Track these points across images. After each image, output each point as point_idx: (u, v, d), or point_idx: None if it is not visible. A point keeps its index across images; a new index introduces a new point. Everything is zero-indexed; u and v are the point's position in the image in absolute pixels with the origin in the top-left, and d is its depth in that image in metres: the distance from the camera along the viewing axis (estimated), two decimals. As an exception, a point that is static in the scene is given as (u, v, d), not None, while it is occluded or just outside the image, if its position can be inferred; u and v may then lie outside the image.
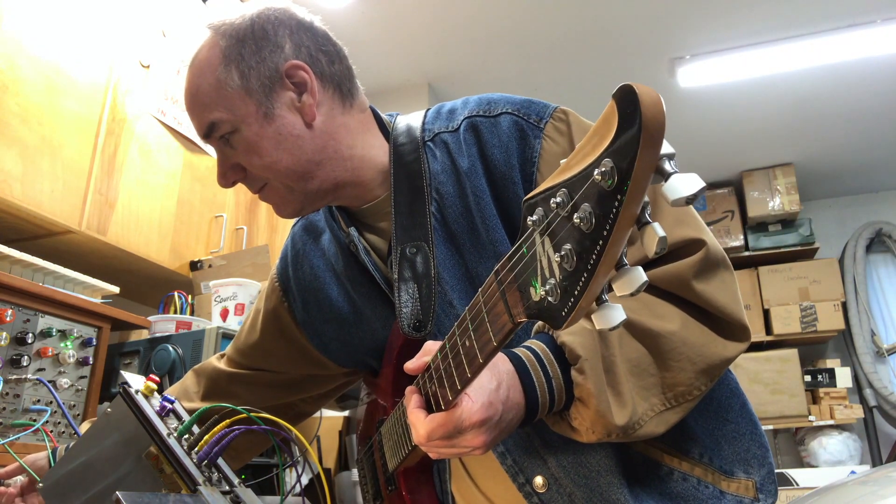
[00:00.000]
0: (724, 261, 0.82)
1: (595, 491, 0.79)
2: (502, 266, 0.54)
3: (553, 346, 0.73)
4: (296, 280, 1.07)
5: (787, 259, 4.40)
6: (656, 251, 0.41)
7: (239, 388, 1.12)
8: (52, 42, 1.70)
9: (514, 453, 0.83)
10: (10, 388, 1.31)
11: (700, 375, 0.76)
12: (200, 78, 0.90)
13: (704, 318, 0.79)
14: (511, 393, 0.68)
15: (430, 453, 0.71)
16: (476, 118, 0.92)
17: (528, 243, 0.49)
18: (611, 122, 0.40)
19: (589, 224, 0.41)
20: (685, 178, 0.40)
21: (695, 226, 0.81)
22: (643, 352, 0.75)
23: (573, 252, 0.42)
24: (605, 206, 0.40)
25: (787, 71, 3.38)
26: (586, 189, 0.41)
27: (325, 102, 0.92)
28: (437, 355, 0.68)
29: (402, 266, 0.89)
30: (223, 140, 0.90)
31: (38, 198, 1.60)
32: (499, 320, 0.54)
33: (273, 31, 0.90)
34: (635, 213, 0.40)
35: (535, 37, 3.18)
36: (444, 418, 0.65)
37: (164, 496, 0.72)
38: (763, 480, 0.84)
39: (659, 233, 0.40)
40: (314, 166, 0.90)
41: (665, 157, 0.40)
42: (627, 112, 0.39)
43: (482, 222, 0.88)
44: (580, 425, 0.71)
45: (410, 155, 0.93)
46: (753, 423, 0.88)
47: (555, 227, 0.45)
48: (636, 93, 0.38)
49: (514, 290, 0.51)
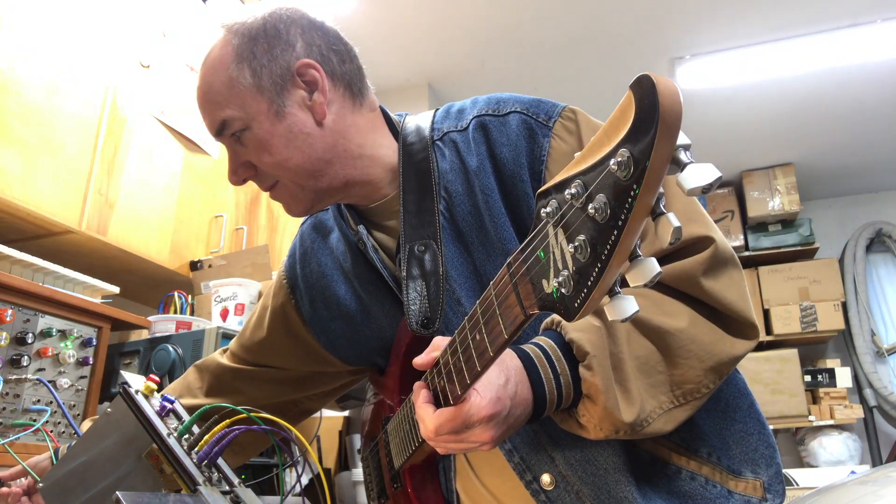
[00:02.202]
0: (732, 258, 0.82)
1: (603, 489, 0.79)
2: (515, 258, 0.54)
3: (561, 343, 0.73)
4: (303, 278, 1.07)
5: (787, 259, 4.41)
6: (671, 241, 0.41)
7: (243, 384, 1.12)
8: (52, 42, 1.70)
9: (521, 451, 0.84)
10: (10, 388, 1.31)
11: (708, 373, 0.76)
12: (213, 76, 0.90)
13: (713, 316, 0.79)
14: (519, 389, 0.69)
15: (437, 448, 0.71)
16: (485, 117, 0.93)
17: (542, 235, 0.49)
18: (627, 112, 0.40)
19: (604, 214, 0.41)
20: (701, 168, 0.40)
21: (703, 223, 0.81)
22: (652, 349, 0.75)
23: (587, 243, 0.43)
24: (620, 197, 0.40)
25: (788, 71, 3.38)
26: (602, 179, 0.42)
27: (336, 101, 0.92)
28: (445, 350, 0.68)
29: (410, 264, 0.89)
30: (234, 137, 0.91)
31: (38, 198, 1.60)
32: (510, 313, 0.54)
33: (285, 29, 0.90)
34: (651, 203, 0.40)
35: (535, 37, 3.18)
36: (453, 413, 0.66)
37: (164, 496, 0.72)
38: (771, 480, 0.84)
39: (674, 223, 0.40)
40: (324, 164, 0.91)
41: (681, 148, 0.40)
42: (645, 102, 0.39)
43: (490, 220, 0.88)
44: (588, 422, 0.71)
45: (419, 154, 0.93)
46: (761, 423, 0.88)
47: (569, 218, 0.45)
48: (654, 83, 0.38)
49: (527, 282, 0.51)
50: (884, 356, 4.35)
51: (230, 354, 1.16)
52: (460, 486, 0.98)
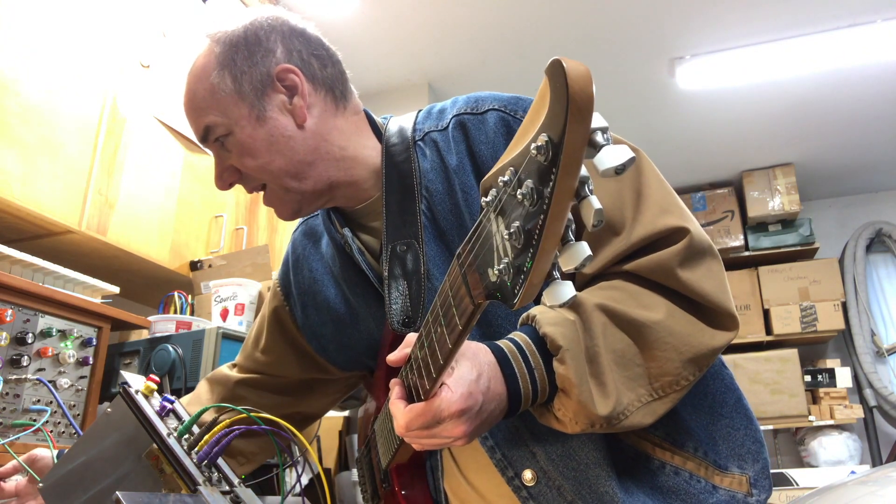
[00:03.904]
0: (710, 249, 0.82)
1: (584, 484, 0.80)
2: (463, 248, 0.54)
3: (536, 337, 0.73)
4: (296, 284, 1.09)
5: (787, 259, 4.41)
6: (594, 223, 0.42)
7: (246, 391, 1.14)
8: (52, 42, 1.70)
9: (503, 447, 0.84)
10: (10, 388, 1.31)
11: (687, 365, 0.76)
12: (196, 83, 0.93)
13: (691, 307, 0.79)
14: (492, 383, 0.69)
15: (413, 444, 0.72)
16: (464, 116, 0.94)
17: (484, 223, 0.49)
18: (545, 98, 0.41)
19: (532, 199, 0.41)
20: (615, 150, 0.41)
21: (679, 214, 0.81)
22: (628, 342, 0.76)
23: (521, 229, 0.43)
24: (543, 181, 0.41)
25: (788, 71, 3.38)
26: (526, 164, 0.42)
27: (317, 105, 0.93)
28: (415, 346, 0.69)
29: (392, 264, 0.91)
30: (219, 143, 0.93)
31: (38, 198, 1.60)
32: (462, 303, 0.55)
33: (265, 36, 0.92)
34: (572, 185, 0.40)
35: (535, 37, 3.18)
36: (423, 408, 0.66)
37: (164, 496, 0.72)
38: (757, 476, 0.84)
39: (595, 205, 0.41)
40: (306, 167, 0.92)
41: (598, 131, 0.41)
42: (557, 87, 0.40)
43: (471, 218, 0.89)
44: (564, 416, 0.72)
45: (401, 155, 0.94)
46: (749, 418, 0.88)
47: (504, 205, 0.45)
48: (564, 67, 0.39)
49: (474, 271, 0.51)
50: (884, 356, 4.35)
51: (237, 367, 1.18)
52: (448, 485, 0.98)
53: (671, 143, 4.11)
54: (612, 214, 0.82)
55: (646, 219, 0.81)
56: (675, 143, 4.12)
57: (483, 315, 0.80)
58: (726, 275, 0.83)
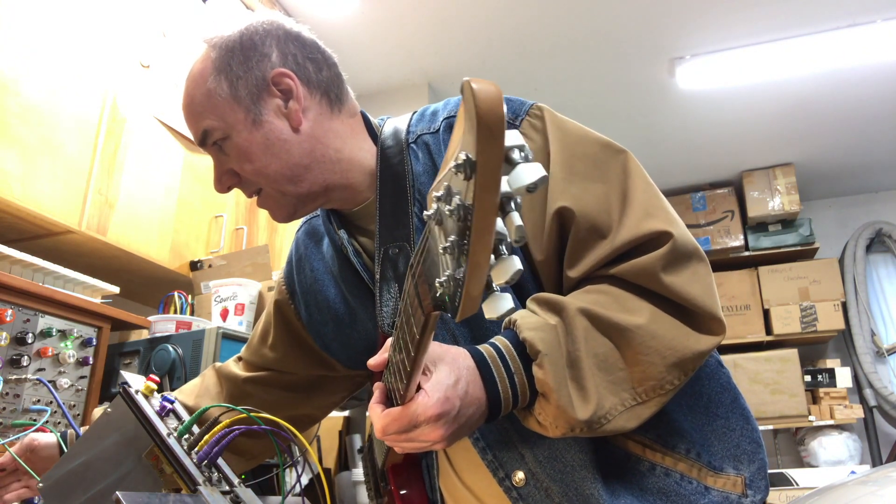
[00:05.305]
0: (695, 252, 0.82)
1: (570, 486, 0.80)
2: (415, 259, 0.55)
3: (516, 342, 0.74)
4: (299, 283, 1.10)
5: (787, 259, 4.40)
6: (515, 239, 0.43)
7: (253, 388, 1.14)
8: (52, 42, 1.70)
9: (494, 448, 0.84)
10: (10, 388, 1.31)
11: (671, 369, 0.76)
12: (194, 88, 0.94)
13: (676, 311, 0.79)
14: (470, 388, 0.69)
15: (393, 447, 0.72)
16: (454, 118, 0.94)
17: (428, 236, 0.50)
18: (462, 116, 0.42)
19: (459, 214, 0.42)
20: (528, 168, 0.41)
21: (663, 218, 0.81)
22: (610, 346, 0.76)
23: (455, 243, 0.44)
24: (466, 196, 0.41)
25: (788, 71, 3.38)
26: (453, 179, 0.43)
27: (313, 108, 0.94)
28: (391, 350, 0.69)
29: (384, 266, 0.91)
30: (216, 147, 0.94)
31: (38, 198, 1.60)
32: (416, 313, 0.55)
33: (260, 41, 0.93)
34: (494, 201, 0.41)
35: (535, 37, 3.18)
36: (399, 413, 0.67)
37: (164, 496, 0.72)
38: (753, 476, 0.84)
39: (516, 222, 0.42)
40: (302, 170, 0.93)
41: (515, 148, 0.42)
42: (468, 108, 0.40)
43: None
44: (545, 420, 0.72)
45: (395, 157, 0.95)
46: (745, 417, 0.88)
47: (441, 218, 0.46)
48: (472, 88, 0.40)
49: (423, 282, 0.52)
50: (884, 356, 4.35)
51: (243, 363, 1.18)
52: (443, 485, 0.99)
53: (671, 143, 4.10)
54: (599, 217, 0.82)
55: (630, 222, 0.81)
56: (675, 143, 4.12)
57: (472, 317, 0.80)
58: (714, 278, 0.83)
